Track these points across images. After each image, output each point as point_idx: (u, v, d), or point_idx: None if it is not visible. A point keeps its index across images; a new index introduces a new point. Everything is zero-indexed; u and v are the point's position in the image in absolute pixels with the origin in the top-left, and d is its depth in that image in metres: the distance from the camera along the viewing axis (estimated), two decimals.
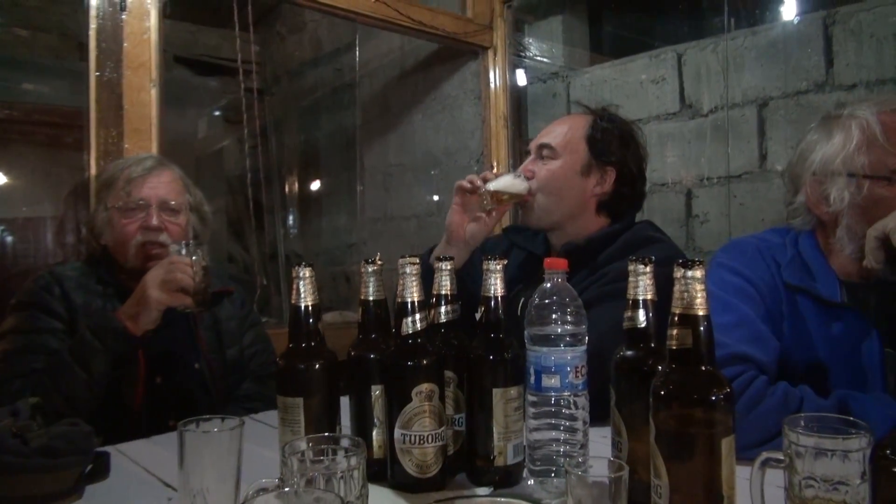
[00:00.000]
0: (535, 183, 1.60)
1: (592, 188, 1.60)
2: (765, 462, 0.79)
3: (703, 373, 0.77)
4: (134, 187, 1.59)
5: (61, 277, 1.57)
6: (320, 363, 1.00)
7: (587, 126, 1.62)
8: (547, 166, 1.61)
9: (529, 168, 1.63)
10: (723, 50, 2.37)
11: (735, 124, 2.34)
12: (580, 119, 1.66)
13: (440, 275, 1.06)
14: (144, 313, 1.44)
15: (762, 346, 1.21)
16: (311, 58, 4.07)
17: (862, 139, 1.24)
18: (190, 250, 1.50)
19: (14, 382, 1.39)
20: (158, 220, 1.59)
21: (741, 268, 1.32)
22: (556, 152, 1.61)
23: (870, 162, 1.23)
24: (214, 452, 0.85)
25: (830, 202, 1.27)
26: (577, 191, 1.60)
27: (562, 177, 1.59)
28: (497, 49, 2.95)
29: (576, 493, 0.77)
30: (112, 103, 1.92)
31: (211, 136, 4.42)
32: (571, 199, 1.60)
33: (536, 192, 1.60)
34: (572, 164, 1.60)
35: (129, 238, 1.58)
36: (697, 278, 0.76)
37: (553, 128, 1.67)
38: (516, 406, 0.99)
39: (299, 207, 4.22)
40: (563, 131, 1.63)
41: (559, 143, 1.61)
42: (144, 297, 1.44)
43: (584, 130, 1.62)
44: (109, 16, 1.91)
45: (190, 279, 1.46)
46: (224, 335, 1.71)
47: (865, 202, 1.23)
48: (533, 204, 1.61)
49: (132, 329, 1.44)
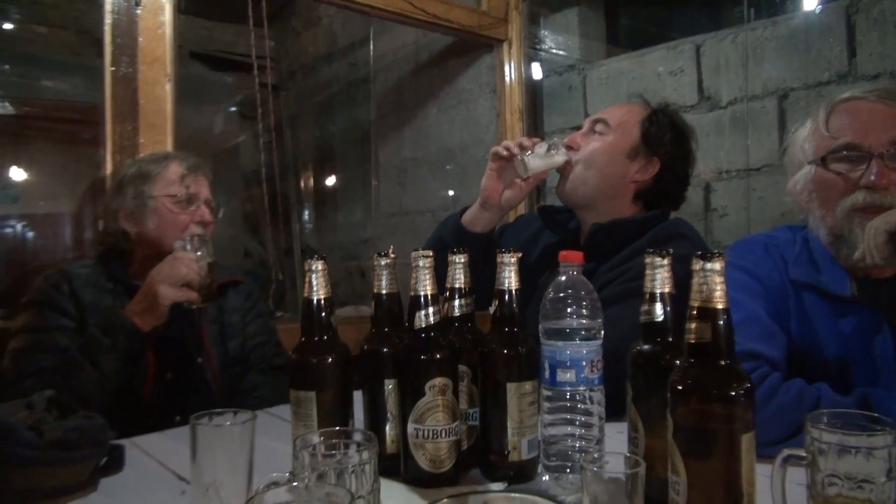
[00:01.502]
0: (579, 154, 1.60)
1: (633, 173, 1.58)
2: (787, 459, 0.77)
3: (723, 367, 0.75)
4: (191, 181, 1.64)
5: (70, 275, 1.58)
6: (333, 357, 1.00)
7: (646, 114, 1.62)
8: (596, 139, 1.60)
9: (577, 140, 1.62)
10: (742, 41, 2.33)
11: (755, 116, 2.31)
12: (640, 107, 1.65)
13: (454, 268, 1.04)
14: (152, 309, 1.44)
15: (772, 342, 1.19)
16: (326, 53, 4.08)
17: (811, 128, 1.31)
18: (194, 245, 1.51)
19: (25, 381, 1.39)
20: (210, 215, 1.65)
21: (749, 265, 1.30)
22: (609, 128, 1.60)
23: (813, 147, 1.29)
24: (227, 446, 0.85)
25: (795, 191, 1.32)
26: (618, 170, 1.58)
27: (607, 152, 1.58)
28: (512, 42, 2.93)
29: (591, 489, 0.76)
30: (127, 98, 1.92)
31: (227, 132, 4.44)
32: (610, 178, 1.58)
33: (577, 164, 1.59)
34: (621, 143, 1.58)
35: (182, 227, 1.61)
36: (717, 270, 0.74)
37: (612, 108, 1.67)
38: (531, 401, 0.98)
39: (314, 202, 4.23)
40: (621, 112, 1.63)
41: (614, 121, 1.60)
42: (151, 293, 1.44)
43: (642, 117, 1.61)
44: (124, 11, 1.92)
45: (195, 274, 1.46)
46: (227, 327, 1.71)
47: (814, 186, 1.28)
48: (569, 174, 1.60)
49: (140, 325, 1.44)
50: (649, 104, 1.66)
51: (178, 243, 1.51)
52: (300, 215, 4.18)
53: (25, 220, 3.90)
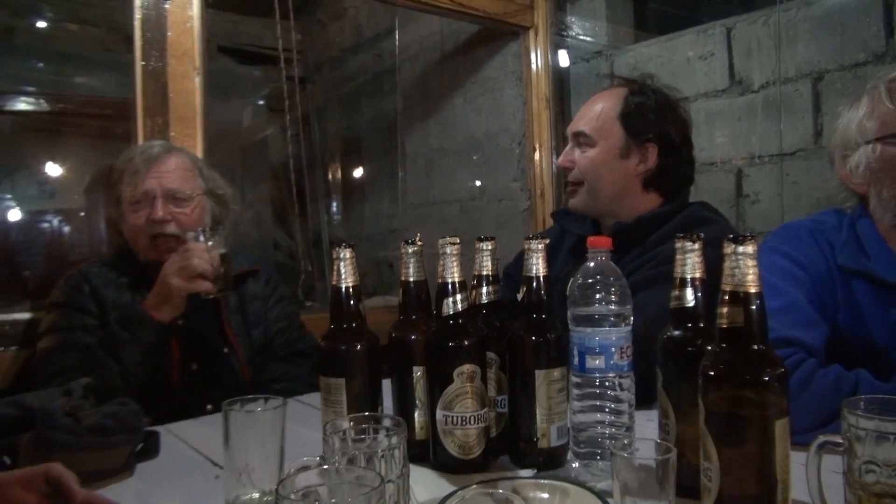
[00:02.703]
0: (576, 172, 1.58)
1: (635, 167, 1.55)
2: (822, 445, 0.75)
3: (756, 352, 0.74)
4: (139, 179, 1.58)
5: (90, 275, 1.61)
6: (362, 344, 1.00)
7: (620, 103, 1.56)
8: (585, 154, 1.57)
9: (569, 158, 1.60)
10: (775, 23, 2.28)
11: (788, 100, 2.25)
12: (612, 96, 1.59)
13: (481, 255, 1.04)
14: (167, 302, 1.47)
15: (812, 330, 1.17)
16: (352, 44, 4.08)
17: (871, 105, 1.25)
18: (206, 236, 1.51)
19: (53, 380, 1.42)
20: (164, 211, 1.57)
21: (792, 252, 1.27)
22: (592, 139, 1.56)
23: (878, 125, 1.23)
24: (258, 431, 0.86)
25: (856, 174, 1.26)
26: (619, 174, 1.55)
27: (601, 163, 1.55)
28: (538, 29, 2.90)
29: (622, 475, 0.76)
30: (158, 92, 1.95)
31: (255, 125, 4.47)
32: (615, 184, 1.56)
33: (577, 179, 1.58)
34: (609, 148, 1.55)
35: (139, 232, 1.59)
36: (749, 254, 0.73)
37: (586, 111, 1.61)
38: (560, 388, 0.97)
39: (342, 194, 4.25)
40: (595, 114, 1.57)
41: (593, 129, 1.56)
42: (165, 286, 1.46)
43: (617, 108, 1.55)
44: (153, 6, 1.94)
45: (207, 264, 1.47)
46: (249, 316, 1.72)
47: (883, 165, 1.22)
48: (576, 192, 1.59)
49: (158, 317, 1.46)
50: (624, 80, 1.61)
51: (190, 235, 1.52)
52: (328, 207, 4.21)
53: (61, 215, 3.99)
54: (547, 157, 2.91)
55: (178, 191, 1.60)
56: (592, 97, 1.64)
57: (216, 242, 1.52)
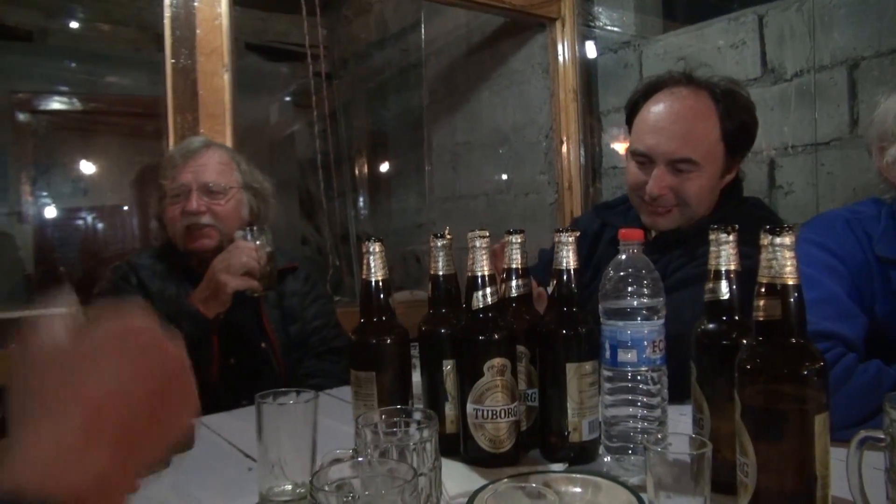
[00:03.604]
0: (670, 198, 1.43)
1: (725, 180, 1.48)
2: (863, 441, 0.74)
3: (794, 345, 0.72)
4: (177, 172, 1.62)
5: (137, 266, 1.64)
6: (392, 338, 1.01)
7: (718, 121, 1.42)
8: (692, 182, 1.41)
9: (665, 184, 1.42)
10: (808, 9, 2.22)
11: (823, 88, 2.20)
12: (704, 109, 1.42)
13: (511, 248, 1.04)
14: (215, 297, 1.49)
15: (850, 323, 1.14)
16: (378, 39, 4.09)
17: None
18: (254, 235, 1.54)
19: None
20: (198, 203, 1.60)
21: (828, 242, 1.24)
22: (699, 166, 1.40)
23: None
24: (291, 424, 0.87)
25: (893, 168, 1.21)
26: (715, 192, 1.47)
27: (708, 189, 1.44)
28: (565, 20, 2.87)
29: (655, 470, 0.75)
30: (188, 89, 1.98)
31: (282, 122, 4.52)
32: (710, 202, 1.47)
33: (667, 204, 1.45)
34: (714, 172, 1.43)
35: (173, 223, 1.62)
36: (786, 245, 0.71)
37: (683, 129, 1.41)
38: (591, 381, 0.96)
39: (369, 188, 4.27)
40: (698, 137, 1.41)
41: (701, 155, 1.40)
42: (214, 282, 1.49)
43: (719, 129, 1.41)
44: (182, 4, 1.97)
45: (255, 263, 1.50)
46: (287, 312, 1.74)
47: None
48: (674, 214, 1.45)
49: (205, 312, 1.49)
50: (707, 88, 1.45)
51: (239, 233, 1.56)
52: (355, 202, 4.23)
53: (95, 212, 4.08)
54: (574, 149, 2.88)
55: (213, 183, 1.63)
56: (670, 106, 1.45)
57: (263, 241, 1.54)
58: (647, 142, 1.44)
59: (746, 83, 2.39)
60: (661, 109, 1.45)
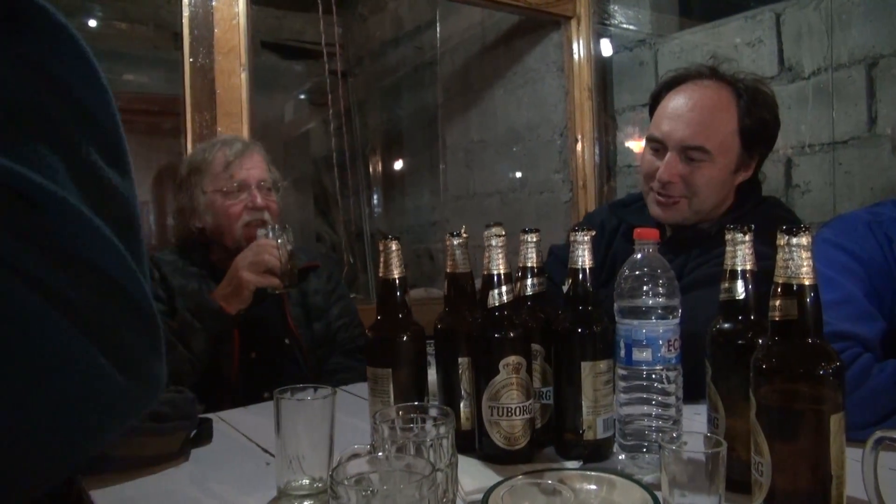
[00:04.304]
0: (679, 188, 1.43)
1: (739, 177, 1.47)
2: (879, 441, 0.73)
3: (810, 345, 0.72)
4: (235, 170, 1.65)
5: (159, 262, 1.67)
6: (408, 335, 1.02)
7: (737, 114, 1.41)
8: (701, 172, 1.41)
9: (676, 172, 1.42)
10: (826, 6, 2.21)
11: (840, 86, 2.19)
12: (725, 101, 1.42)
13: (526, 247, 1.04)
14: (237, 294, 1.52)
15: (867, 324, 1.13)
16: (392, 37, 4.10)
17: None
18: (276, 233, 1.56)
19: None
20: (262, 199, 1.66)
21: (848, 243, 1.23)
22: (711, 155, 1.40)
23: None
24: (308, 419, 0.88)
25: None
26: (728, 188, 1.46)
27: (718, 181, 1.43)
28: (580, 18, 2.87)
29: (670, 469, 0.75)
30: (205, 88, 2.00)
31: (297, 119, 4.54)
32: (720, 196, 1.46)
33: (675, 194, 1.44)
34: (727, 165, 1.42)
35: (234, 219, 1.65)
36: (803, 245, 0.72)
37: (699, 117, 1.41)
38: (606, 380, 0.97)
39: (383, 186, 4.29)
40: (714, 126, 1.40)
41: (715, 145, 1.39)
42: (236, 279, 1.52)
43: (736, 122, 1.41)
44: (201, 3, 1.99)
45: (277, 261, 1.52)
46: (311, 309, 1.76)
47: None
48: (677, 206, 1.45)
49: (227, 309, 1.52)
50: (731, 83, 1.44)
51: (261, 231, 1.58)
52: (369, 199, 4.25)
53: None
54: (589, 148, 2.88)
55: (266, 181, 1.69)
56: (690, 95, 1.45)
57: (285, 239, 1.56)
58: (663, 128, 1.45)
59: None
60: (681, 98, 1.45)
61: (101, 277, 0.36)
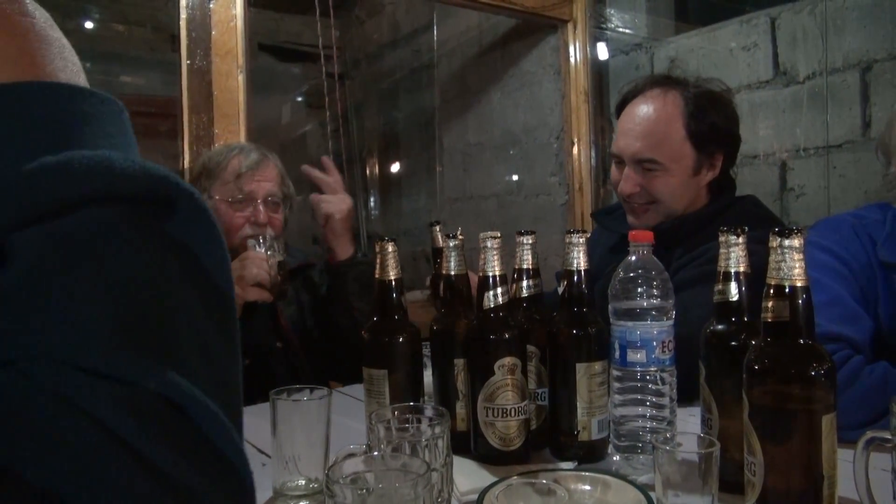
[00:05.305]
0: (640, 197, 1.48)
1: (705, 177, 1.49)
2: (870, 442, 0.74)
3: (802, 346, 0.73)
4: (245, 181, 1.62)
5: None
6: (404, 336, 1.02)
7: (682, 119, 1.44)
8: (658, 180, 1.45)
9: (635, 183, 1.47)
10: (821, 11, 2.22)
11: (835, 91, 2.20)
12: (671, 110, 1.45)
13: (521, 249, 1.05)
14: None
15: (856, 325, 1.14)
16: (390, 40, 4.11)
17: None
18: (266, 245, 1.54)
19: None
20: (265, 215, 1.62)
21: (833, 246, 1.24)
22: (664, 165, 1.44)
23: None
24: (304, 420, 0.88)
25: None
26: (692, 189, 1.49)
27: (678, 186, 1.46)
28: (577, 22, 2.88)
29: (664, 469, 0.76)
30: (202, 90, 2.00)
31: (294, 122, 4.54)
32: (689, 198, 1.49)
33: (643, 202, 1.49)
34: (683, 170, 1.45)
35: (235, 230, 1.62)
36: (795, 247, 0.72)
37: (644, 130, 1.45)
38: (601, 381, 0.98)
39: (380, 188, 4.29)
40: (661, 137, 1.44)
41: (665, 155, 1.43)
42: None
43: (684, 127, 1.43)
44: (198, 6, 1.99)
45: (265, 273, 1.49)
46: (305, 306, 1.75)
47: None
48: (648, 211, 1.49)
49: None
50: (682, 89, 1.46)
51: (251, 242, 1.55)
52: (366, 201, 4.25)
53: None
54: (586, 151, 2.89)
55: (274, 197, 1.66)
56: (639, 108, 1.48)
57: (275, 250, 1.54)
58: (619, 143, 1.52)
59: (758, 85, 2.39)
60: (633, 111, 1.50)
61: (223, 466, 0.38)
